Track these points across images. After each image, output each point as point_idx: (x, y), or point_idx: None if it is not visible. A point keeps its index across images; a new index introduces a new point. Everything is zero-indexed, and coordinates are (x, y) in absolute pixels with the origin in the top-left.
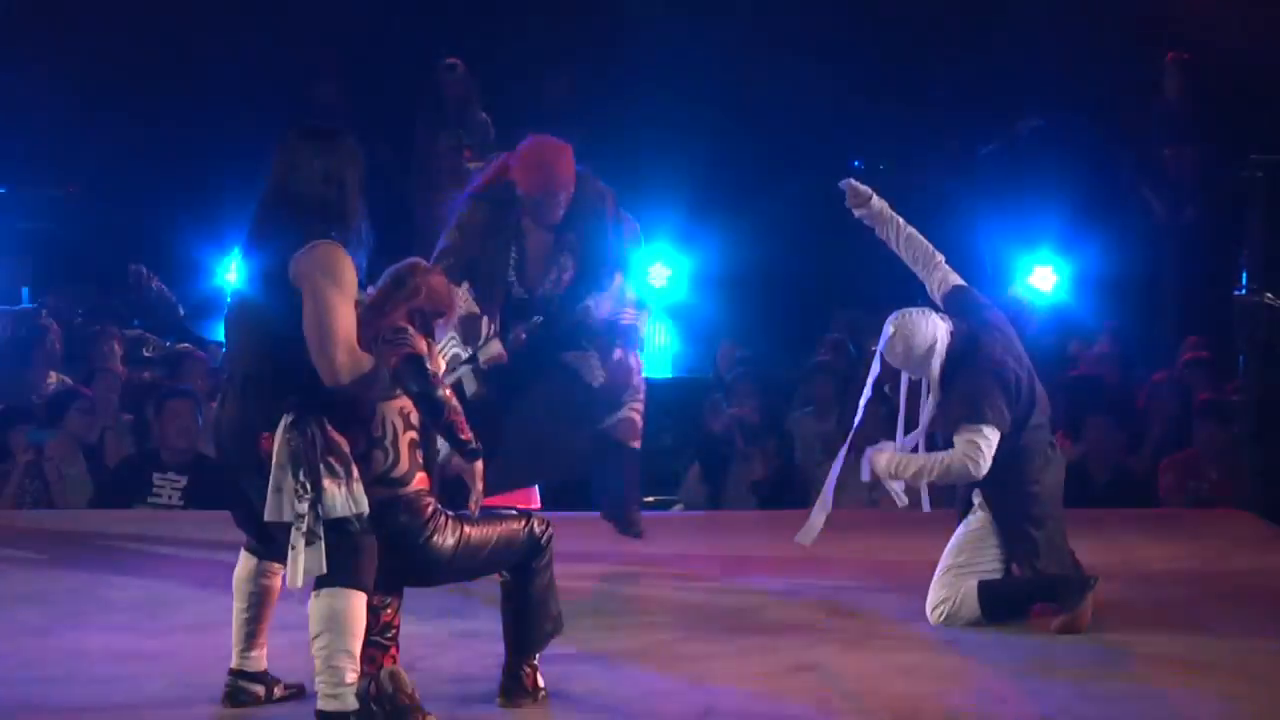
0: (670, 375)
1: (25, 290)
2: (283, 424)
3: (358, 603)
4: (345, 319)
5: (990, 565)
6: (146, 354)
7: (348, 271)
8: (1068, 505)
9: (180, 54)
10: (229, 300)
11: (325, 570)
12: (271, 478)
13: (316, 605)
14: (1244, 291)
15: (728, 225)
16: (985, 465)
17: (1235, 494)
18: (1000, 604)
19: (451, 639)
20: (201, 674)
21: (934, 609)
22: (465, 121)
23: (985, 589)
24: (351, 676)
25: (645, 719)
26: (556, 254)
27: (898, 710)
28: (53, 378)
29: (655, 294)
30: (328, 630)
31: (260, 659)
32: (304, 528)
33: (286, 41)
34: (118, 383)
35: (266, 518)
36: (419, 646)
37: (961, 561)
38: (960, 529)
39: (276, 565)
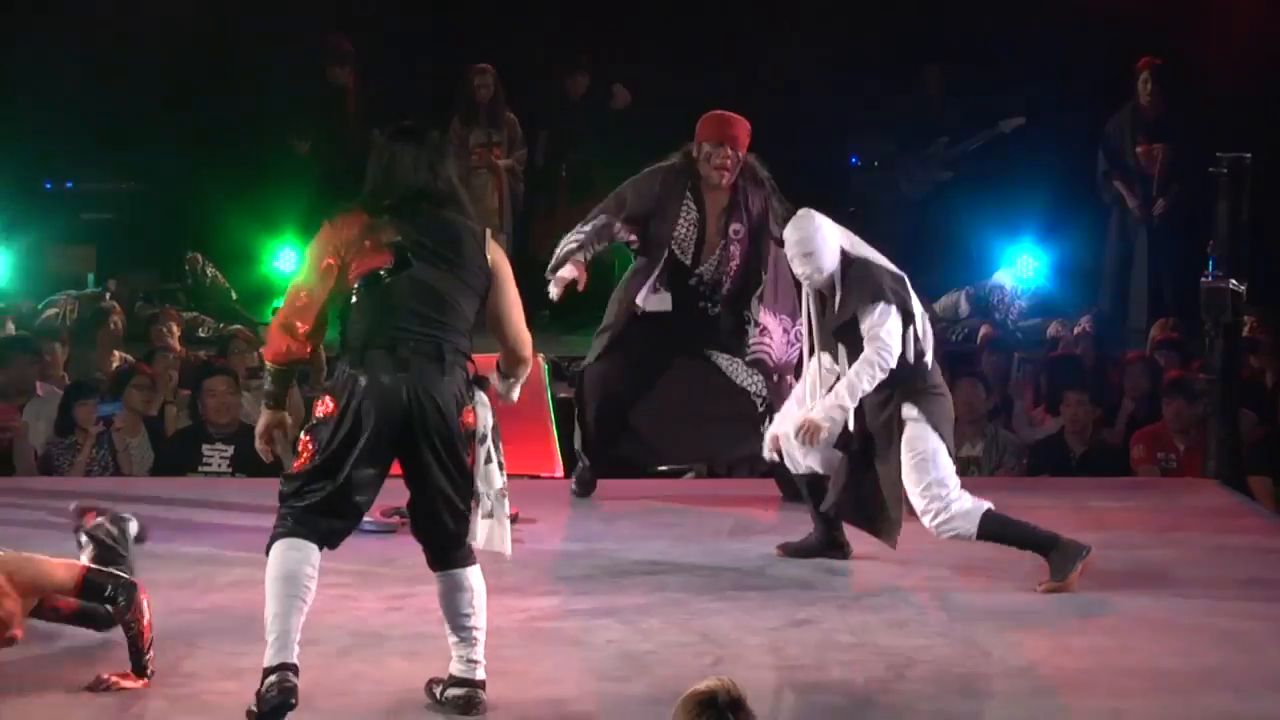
0: None
1: (90, 276)
2: (482, 397)
3: None
4: None
5: (954, 474)
6: (202, 335)
7: None
8: (1048, 474)
9: (228, 61)
10: (395, 274)
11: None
12: (483, 450)
13: (479, 584)
14: (1210, 278)
15: None
16: (896, 347)
17: (1201, 465)
18: (996, 536)
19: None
20: (248, 629)
21: (932, 517)
22: (495, 121)
23: (989, 520)
24: None
25: (660, 668)
26: (723, 238)
27: (891, 661)
28: (115, 356)
29: None
30: (482, 610)
31: None
32: (492, 498)
33: (330, 45)
34: (176, 361)
35: (477, 486)
36: None
37: (937, 477)
38: (909, 440)
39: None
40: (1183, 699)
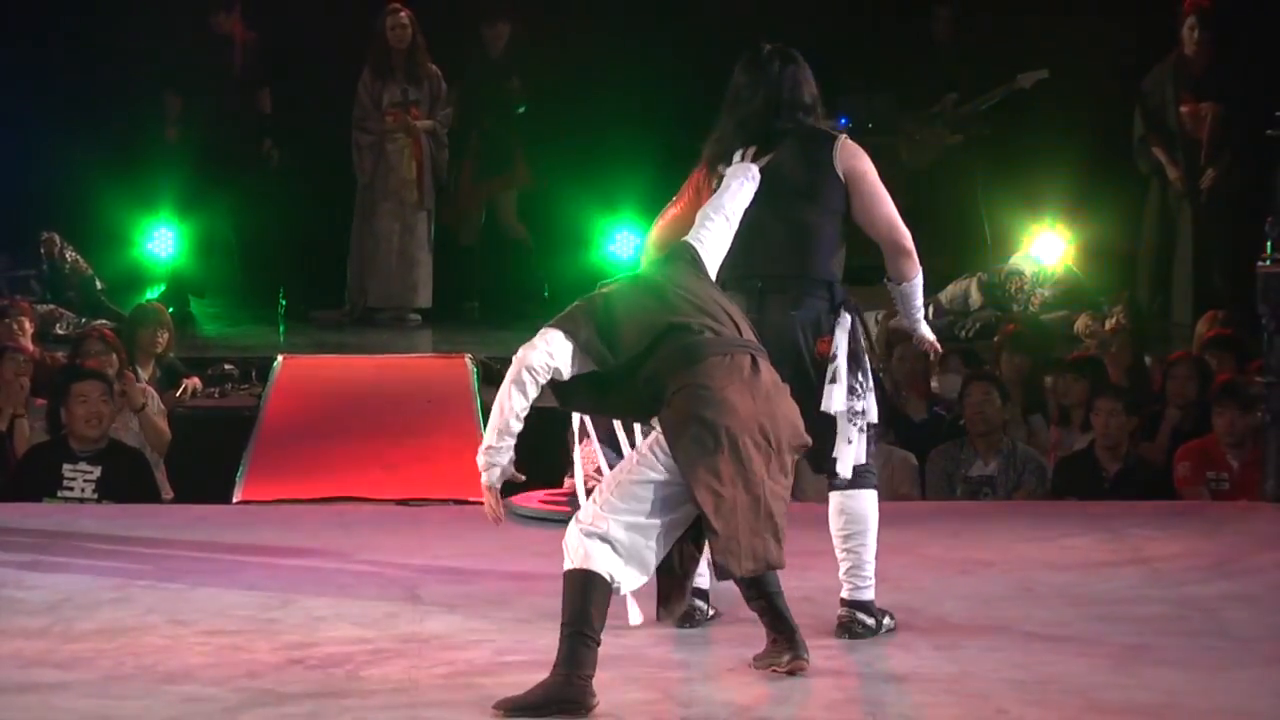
0: None
1: None
2: (845, 323)
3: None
4: None
5: None
6: (59, 332)
7: None
8: (1076, 497)
9: (97, 7)
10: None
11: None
12: (831, 372)
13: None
14: (1269, 262)
15: None
16: None
17: (1258, 485)
18: None
19: (397, 644)
20: (119, 685)
21: None
22: (413, 74)
23: None
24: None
25: None
26: None
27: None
28: None
29: (623, 261)
30: (858, 534)
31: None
32: (860, 424)
33: None
34: (29, 364)
35: (822, 408)
36: (362, 654)
37: None
38: None
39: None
40: None
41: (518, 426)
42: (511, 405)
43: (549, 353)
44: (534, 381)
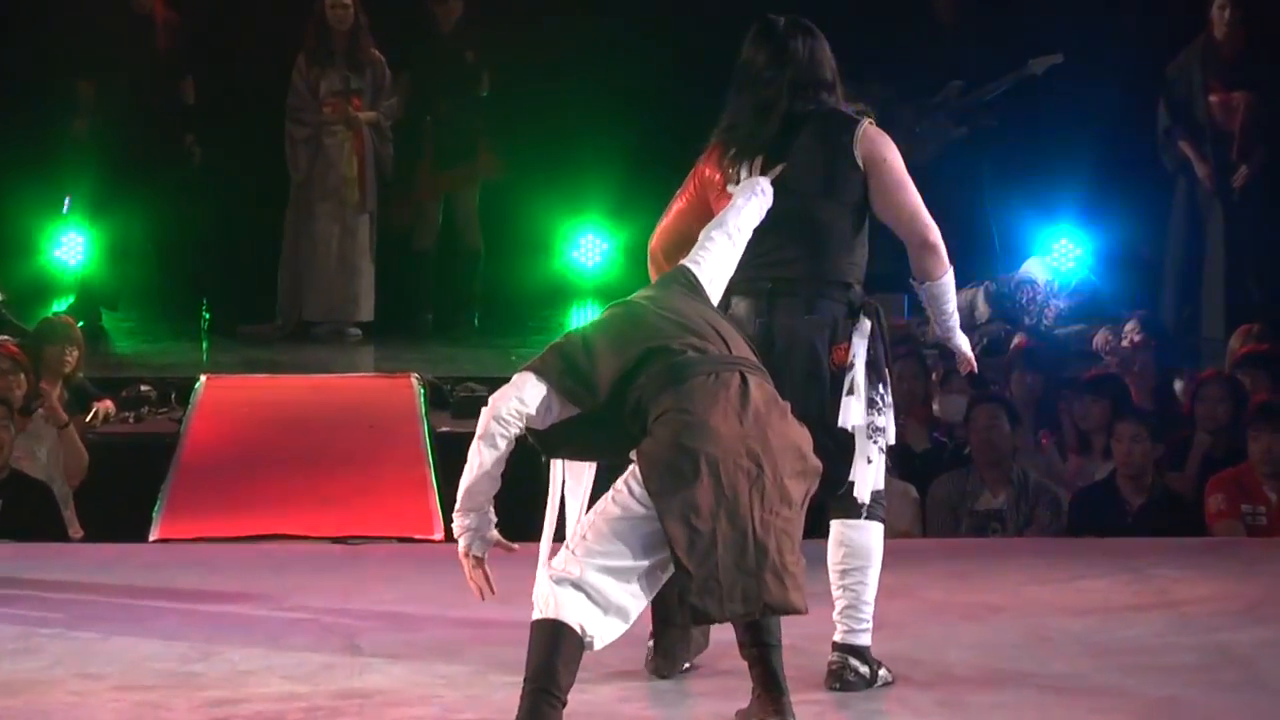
0: None
1: None
2: (865, 329)
3: None
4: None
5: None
6: None
7: None
8: (1095, 533)
9: None
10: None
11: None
12: (849, 383)
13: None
14: None
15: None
16: None
17: None
18: None
19: (334, 701)
20: None
21: None
22: (355, 61)
23: None
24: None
25: None
26: None
27: None
28: None
29: (588, 270)
30: (859, 570)
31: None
32: (880, 442)
33: None
34: None
35: (840, 422)
36: (295, 712)
37: None
38: None
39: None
40: None
41: (492, 487)
42: (482, 462)
43: (519, 399)
44: (503, 434)
